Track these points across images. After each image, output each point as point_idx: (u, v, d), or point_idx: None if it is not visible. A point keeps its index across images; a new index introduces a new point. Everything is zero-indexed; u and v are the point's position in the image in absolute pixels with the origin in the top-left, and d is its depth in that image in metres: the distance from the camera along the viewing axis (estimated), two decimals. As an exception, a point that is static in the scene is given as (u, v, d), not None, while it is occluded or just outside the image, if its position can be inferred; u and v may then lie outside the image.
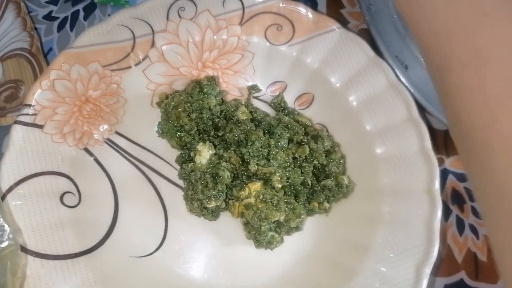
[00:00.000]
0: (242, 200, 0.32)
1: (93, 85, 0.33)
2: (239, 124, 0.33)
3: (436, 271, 0.35)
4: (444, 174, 0.38)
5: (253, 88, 0.37)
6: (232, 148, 0.33)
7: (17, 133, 0.31)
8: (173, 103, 0.33)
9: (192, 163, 0.32)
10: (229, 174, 0.32)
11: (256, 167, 0.32)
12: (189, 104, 0.34)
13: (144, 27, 0.34)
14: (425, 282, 0.30)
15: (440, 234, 0.32)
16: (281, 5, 0.36)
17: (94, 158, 0.33)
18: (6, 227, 0.27)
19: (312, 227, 0.34)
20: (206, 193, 0.31)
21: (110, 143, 0.34)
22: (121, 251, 0.32)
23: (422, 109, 0.36)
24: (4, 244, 0.27)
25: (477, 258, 0.36)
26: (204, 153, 0.32)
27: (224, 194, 0.32)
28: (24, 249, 0.29)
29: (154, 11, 0.34)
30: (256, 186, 0.32)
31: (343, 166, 0.35)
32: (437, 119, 0.36)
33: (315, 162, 0.34)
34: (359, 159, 0.35)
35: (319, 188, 0.34)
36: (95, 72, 0.33)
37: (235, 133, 0.33)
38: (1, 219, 0.27)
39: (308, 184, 0.34)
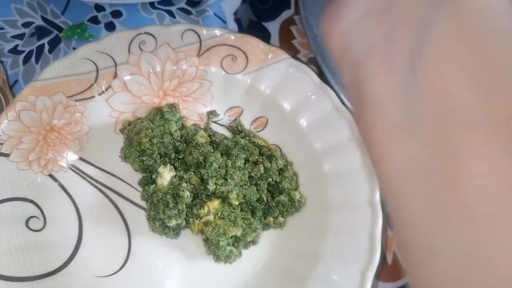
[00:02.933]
0: (201, 217, 0.34)
1: (57, 114, 0.35)
2: (198, 147, 0.36)
3: (383, 276, 0.38)
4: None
5: (212, 114, 0.40)
6: (191, 170, 0.36)
7: (-17, 162, 0.32)
8: (135, 129, 0.36)
9: (154, 185, 0.35)
10: (189, 194, 0.35)
11: (215, 186, 0.35)
12: (150, 130, 0.36)
13: (107, 60, 0.37)
14: (369, 286, 0.33)
15: (383, 241, 0.35)
16: (235, 38, 0.39)
17: (58, 183, 0.35)
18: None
19: (268, 240, 0.37)
20: (167, 213, 0.33)
21: (74, 169, 0.36)
22: (86, 271, 0.33)
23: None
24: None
25: (420, 263, 0.40)
26: (165, 175, 0.35)
27: (185, 213, 0.34)
28: (-11, 273, 0.30)
29: (117, 45, 0.37)
30: (215, 204, 0.35)
31: (295, 182, 0.38)
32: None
33: (270, 179, 0.37)
34: (309, 176, 0.38)
35: (273, 204, 0.36)
36: (60, 103, 0.35)
37: (194, 156, 0.35)
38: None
39: (264, 200, 0.36)
